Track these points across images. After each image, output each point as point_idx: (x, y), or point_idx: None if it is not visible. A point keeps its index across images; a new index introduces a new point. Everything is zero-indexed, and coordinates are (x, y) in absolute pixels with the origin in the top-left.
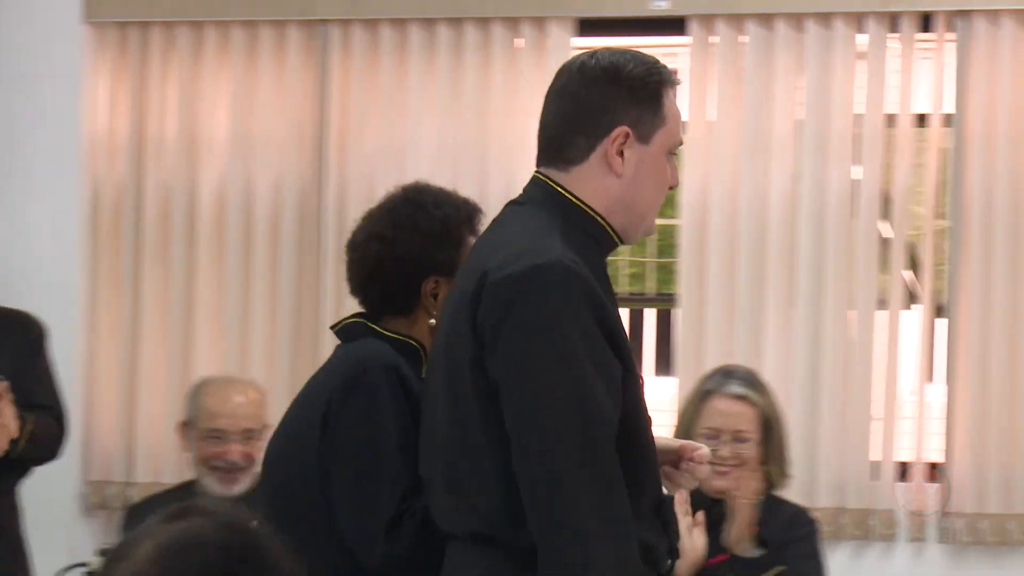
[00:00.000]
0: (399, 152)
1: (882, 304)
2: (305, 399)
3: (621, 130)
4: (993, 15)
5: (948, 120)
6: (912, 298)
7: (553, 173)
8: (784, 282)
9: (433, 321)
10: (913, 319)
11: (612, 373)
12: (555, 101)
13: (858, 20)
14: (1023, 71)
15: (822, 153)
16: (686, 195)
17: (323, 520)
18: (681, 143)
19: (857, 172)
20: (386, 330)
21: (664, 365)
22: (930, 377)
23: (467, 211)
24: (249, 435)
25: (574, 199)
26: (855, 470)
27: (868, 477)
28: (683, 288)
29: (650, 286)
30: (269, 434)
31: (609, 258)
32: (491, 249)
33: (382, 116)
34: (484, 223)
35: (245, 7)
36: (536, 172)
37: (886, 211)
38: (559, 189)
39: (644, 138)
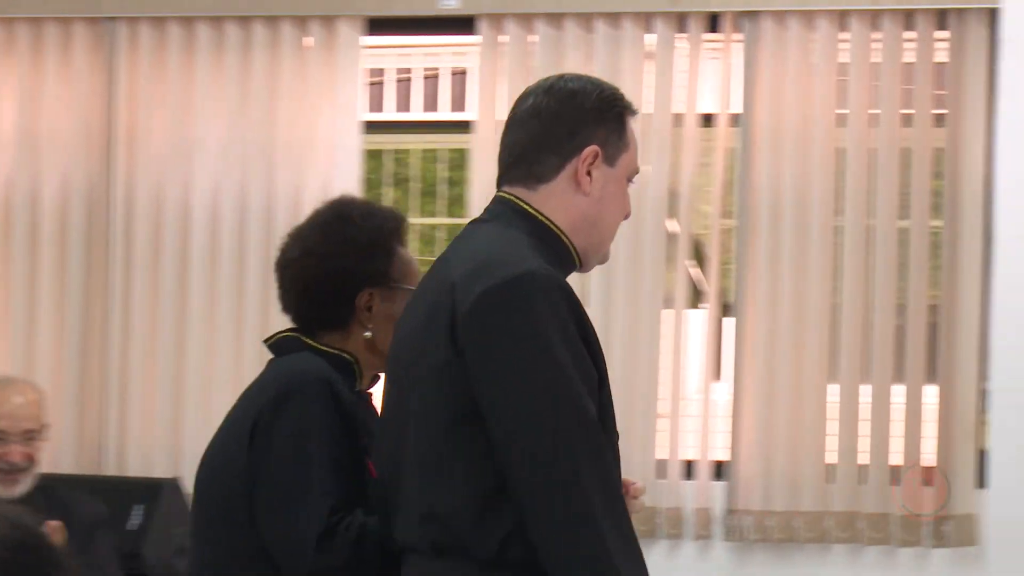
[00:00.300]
0: (188, 151)
1: (668, 302)
2: (236, 414)
3: (592, 149)
4: (779, 16)
5: (735, 119)
6: (699, 296)
7: (520, 192)
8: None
9: (368, 334)
10: (699, 317)
11: (591, 379)
12: (523, 121)
13: (647, 20)
14: (808, 71)
15: None
16: (476, 195)
17: (250, 536)
18: (638, 171)
19: (645, 171)
20: (320, 344)
21: None
22: (717, 375)
23: (395, 222)
24: (30, 436)
25: (542, 217)
26: (641, 468)
27: (654, 475)
28: None
29: None
30: (48, 433)
31: None
32: (460, 262)
33: (170, 115)
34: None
35: (30, 3)
36: (500, 192)
37: (673, 210)
38: (526, 207)
39: (611, 160)
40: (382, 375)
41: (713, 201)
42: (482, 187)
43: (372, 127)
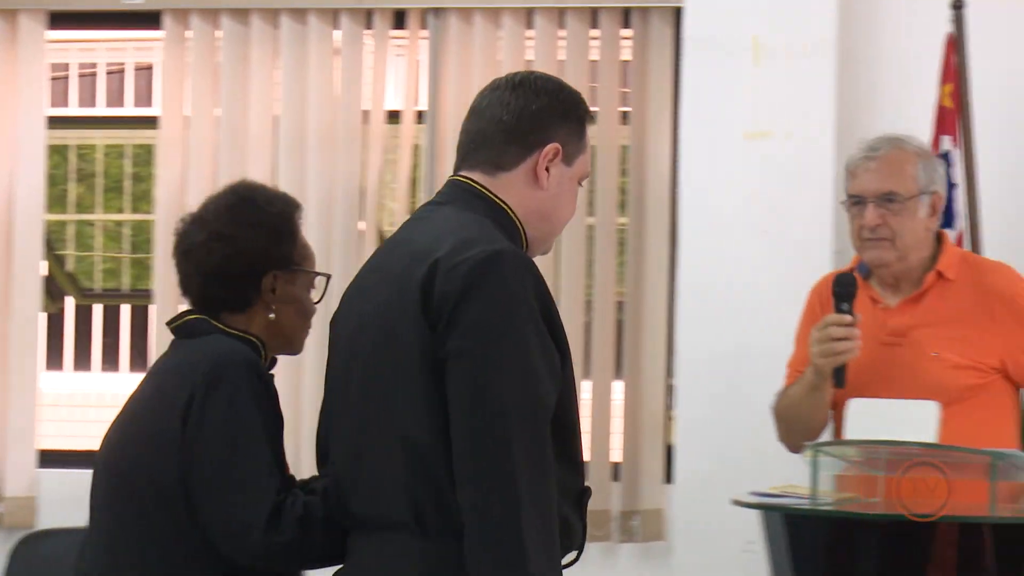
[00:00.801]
0: None
1: None
2: (155, 396)
3: (553, 147)
4: (465, 13)
5: (421, 116)
6: None
7: (479, 177)
8: None
9: (272, 316)
10: None
11: (553, 359)
12: (489, 111)
13: (333, 16)
14: (495, 69)
15: (299, 148)
16: (162, 190)
17: (179, 518)
18: (589, 175)
19: (334, 167)
20: (227, 327)
21: (141, 361)
22: None
23: (294, 206)
24: None
25: (500, 202)
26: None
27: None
28: (158, 284)
29: (126, 282)
30: None
31: (85, 253)
32: (429, 241)
33: None
34: None
35: None
36: (458, 176)
37: (361, 206)
38: (485, 191)
39: (568, 159)
40: (278, 357)
41: (400, 198)
42: (168, 183)
43: (56, 122)
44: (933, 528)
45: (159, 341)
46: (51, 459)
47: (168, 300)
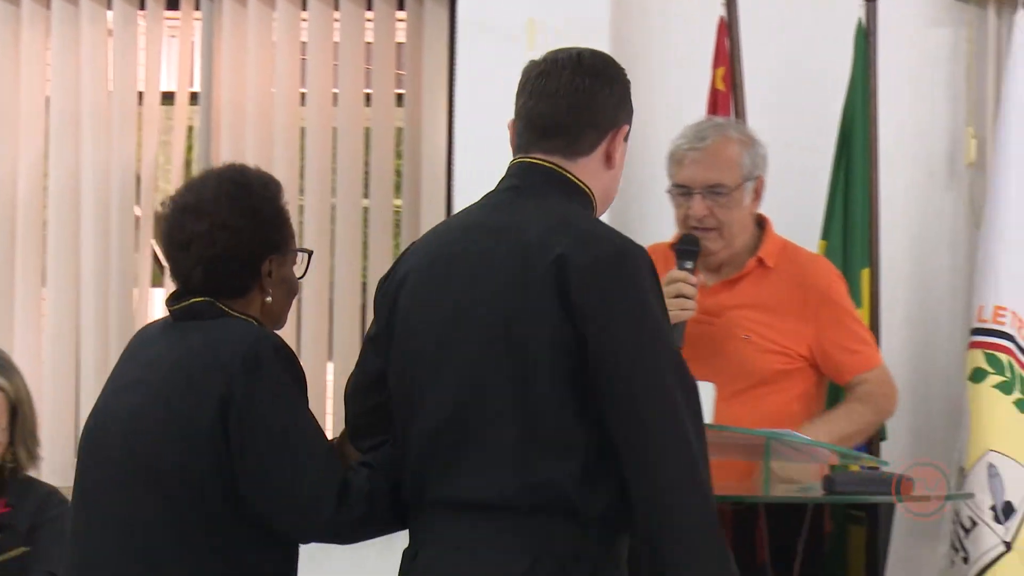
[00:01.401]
0: None
1: (136, 281)
2: (183, 382)
3: (624, 128)
4: None
5: (195, 98)
6: (162, 274)
7: (560, 161)
8: (35, 262)
9: (269, 299)
10: (163, 296)
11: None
12: (562, 94)
13: None
14: (269, 50)
15: (72, 130)
16: None
17: (211, 510)
18: None
19: (109, 149)
20: (230, 310)
21: None
22: None
23: (281, 187)
24: None
25: (585, 187)
26: None
27: None
28: None
29: None
30: None
31: None
32: (536, 229)
33: None
34: None
35: None
36: (535, 159)
37: (137, 188)
38: (571, 177)
39: (627, 137)
40: None
41: (174, 180)
42: None
43: None
44: None
45: None
46: None
47: None
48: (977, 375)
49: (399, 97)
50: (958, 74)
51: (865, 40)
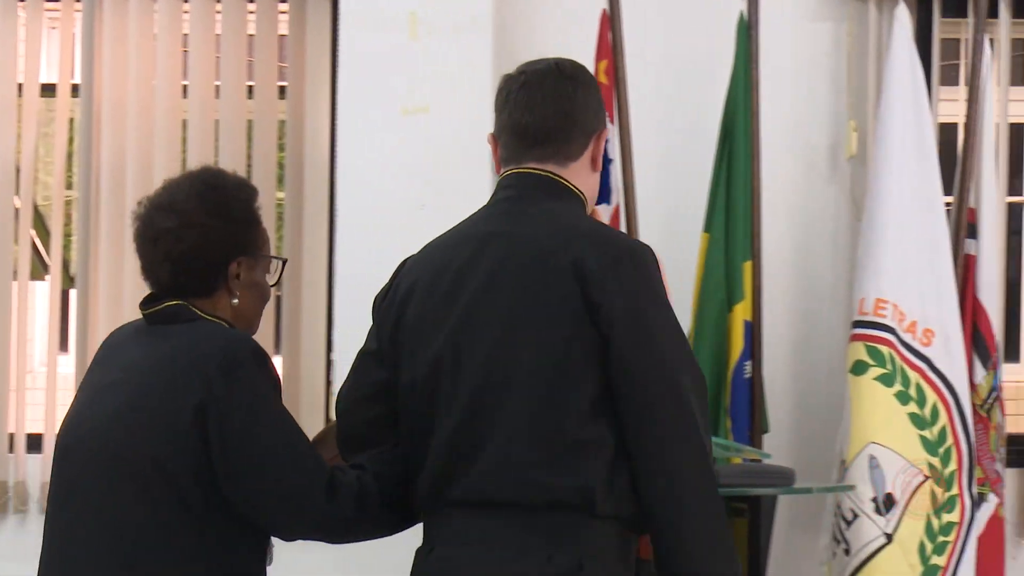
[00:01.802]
0: None
1: (15, 275)
2: (160, 385)
3: (605, 131)
4: None
5: (76, 90)
6: (44, 268)
7: (553, 168)
8: None
9: (236, 301)
10: (44, 290)
11: None
12: (549, 101)
13: None
14: (150, 42)
15: None
16: None
17: (191, 509)
18: None
19: None
20: (203, 313)
21: None
22: (63, 348)
23: (255, 192)
24: None
25: (579, 192)
26: None
27: (6, 449)
28: None
29: None
30: None
31: None
32: (549, 237)
33: None
34: None
35: None
36: (530, 168)
37: (17, 180)
38: (566, 183)
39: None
40: None
41: (55, 173)
42: None
43: None
44: None
45: None
46: None
47: None
48: (858, 367)
49: (282, 89)
50: (839, 68)
51: (747, 34)
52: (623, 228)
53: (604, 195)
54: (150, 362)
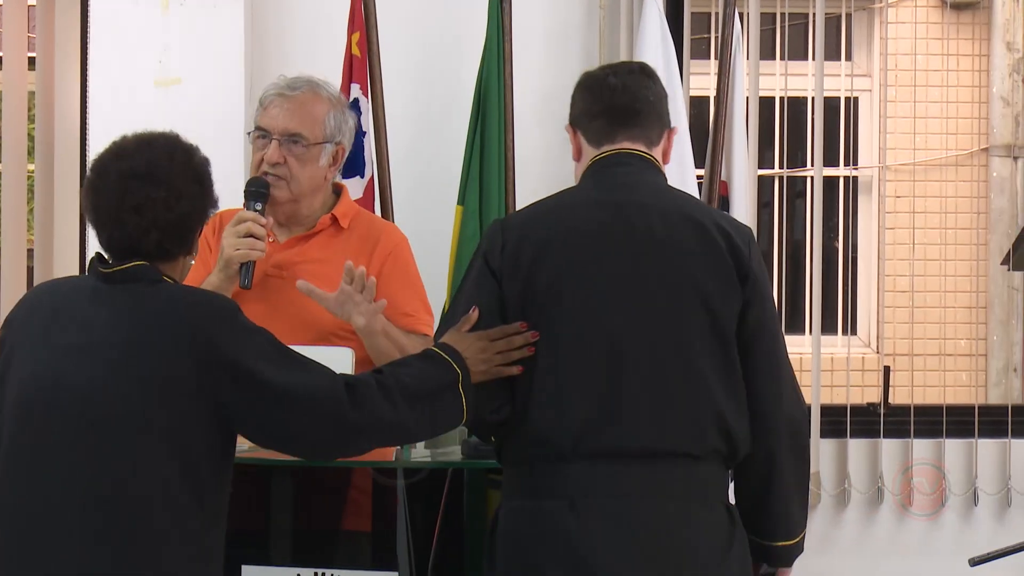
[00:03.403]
0: None
1: None
2: (146, 347)
3: (675, 128)
4: None
5: None
6: None
7: (643, 148)
8: None
9: (192, 261)
10: None
11: None
12: (634, 88)
13: None
14: None
15: None
16: None
17: (201, 461)
18: None
19: None
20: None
21: None
22: None
23: None
24: None
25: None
26: None
27: None
28: None
29: None
30: None
31: None
32: (687, 206)
33: None
34: None
35: None
36: (625, 147)
37: None
38: (657, 164)
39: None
40: None
41: None
42: None
43: None
44: (348, 473)
45: None
46: None
47: None
48: None
49: (31, 60)
50: (592, 40)
51: (500, 6)
52: (377, 200)
53: (358, 168)
54: (126, 325)
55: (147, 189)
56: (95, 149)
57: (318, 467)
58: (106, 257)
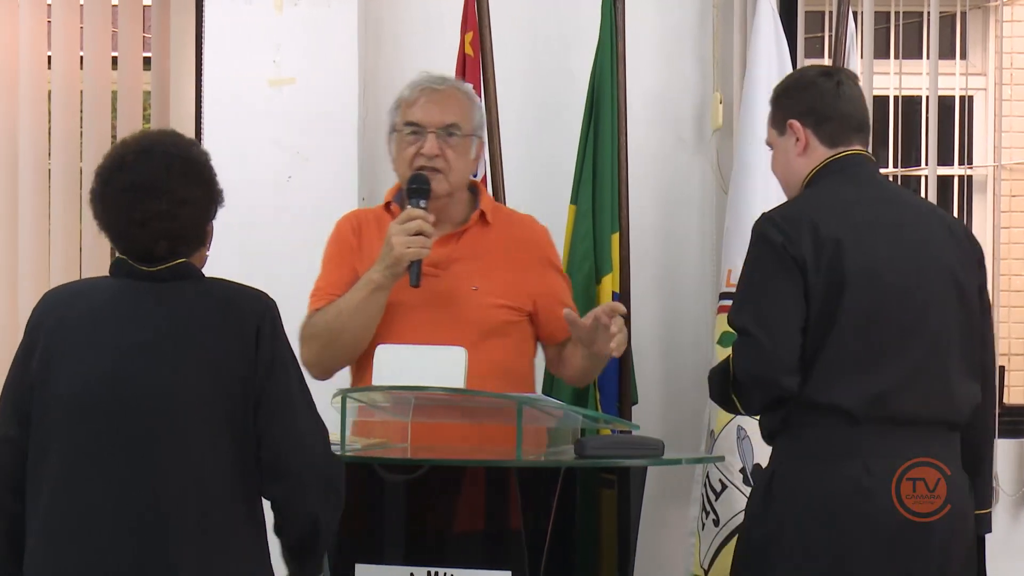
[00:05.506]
0: None
1: None
2: (211, 345)
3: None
4: None
5: None
6: None
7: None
8: None
9: (208, 252)
10: None
11: None
12: (858, 98)
13: None
14: (14, 12)
15: None
16: None
17: (245, 446)
18: None
19: None
20: None
21: None
22: None
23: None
24: None
25: None
26: None
27: None
28: None
29: None
30: None
31: None
32: (935, 209)
33: None
34: None
35: None
36: (863, 150)
37: None
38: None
39: None
40: None
41: None
42: None
43: None
44: (461, 473)
45: None
46: None
47: None
48: (725, 339)
49: (147, 60)
50: (705, 40)
51: (613, 5)
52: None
53: None
54: (186, 322)
55: (148, 203)
56: (210, 149)
57: (431, 467)
58: (130, 260)
